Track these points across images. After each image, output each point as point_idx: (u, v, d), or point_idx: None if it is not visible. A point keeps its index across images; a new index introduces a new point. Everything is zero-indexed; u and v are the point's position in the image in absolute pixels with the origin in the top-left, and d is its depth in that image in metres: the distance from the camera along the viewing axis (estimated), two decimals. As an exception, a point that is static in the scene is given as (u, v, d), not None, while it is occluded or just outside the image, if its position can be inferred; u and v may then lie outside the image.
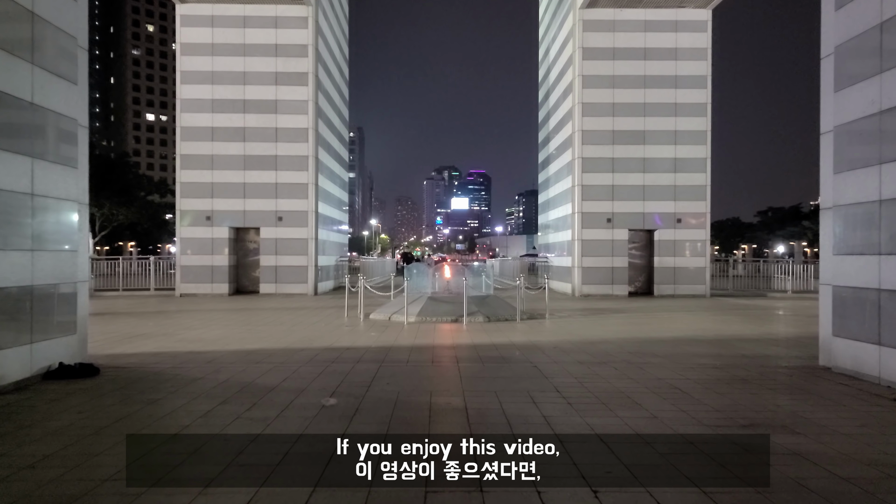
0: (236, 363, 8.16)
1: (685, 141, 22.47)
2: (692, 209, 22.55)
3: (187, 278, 21.92)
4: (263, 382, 6.85)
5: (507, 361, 8.40)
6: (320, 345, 9.97)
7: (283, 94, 22.14)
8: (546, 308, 14.85)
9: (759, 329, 12.77)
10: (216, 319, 14.20)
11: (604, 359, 8.68)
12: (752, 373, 7.68)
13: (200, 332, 11.63)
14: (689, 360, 8.68)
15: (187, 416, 5.39)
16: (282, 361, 8.29)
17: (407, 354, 8.93)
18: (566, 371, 7.62)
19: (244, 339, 10.68)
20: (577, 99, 22.45)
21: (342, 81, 28.15)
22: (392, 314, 14.27)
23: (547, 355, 8.94)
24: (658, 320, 14.30)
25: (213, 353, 9.07)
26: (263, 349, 9.47)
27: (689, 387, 6.73)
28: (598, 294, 22.17)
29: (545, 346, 9.98)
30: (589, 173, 22.38)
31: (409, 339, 10.73)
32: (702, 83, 22.51)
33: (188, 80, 22.06)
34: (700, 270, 22.55)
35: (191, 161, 22.02)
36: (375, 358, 8.60)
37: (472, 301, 14.37)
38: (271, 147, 22.10)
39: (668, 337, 11.29)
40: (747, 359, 8.84)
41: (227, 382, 6.86)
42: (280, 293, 21.99)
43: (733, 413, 5.64)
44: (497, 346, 9.92)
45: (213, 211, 22.02)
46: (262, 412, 5.42)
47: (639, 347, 9.84)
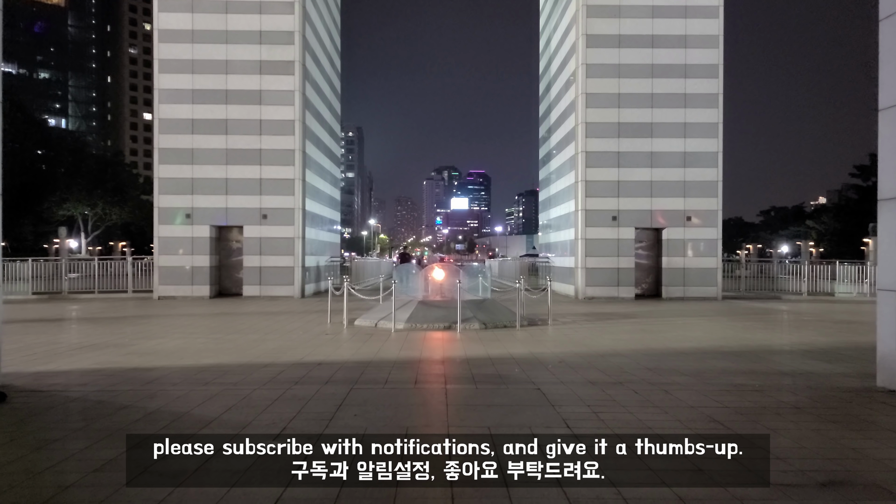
0: (181, 384, 6.81)
1: (695, 134, 21.12)
2: (703, 206, 21.20)
3: (166, 280, 20.57)
4: (200, 414, 5.50)
5: (504, 382, 7.06)
6: (289, 359, 8.62)
7: (268, 83, 20.78)
8: (548, 312, 13.50)
9: (788, 338, 11.42)
10: (184, 326, 12.86)
11: (619, 377, 7.34)
12: (802, 398, 6.33)
13: (159, 343, 10.28)
14: (719, 378, 7.34)
15: (75, 472, 4.05)
16: (235, 382, 6.94)
17: (387, 372, 7.59)
18: (576, 396, 6.28)
19: (204, 352, 9.33)
20: (580, 89, 21.10)
21: (333, 73, 26.79)
22: (379, 320, 12.93)
23: (551, 373, 7.60)
24: (672, 327, 12.95)
25: (160, 370, 7.72)
26: (221, 365, 8.12)
27: (732, 420, 5.39)
28: (603, 297, 20.82)
29: (549, 359, 8.63)
30: (593, 168, 21.03)
31: (393, 352, 9.39)
32: (713, 72, 21.16)
33: (167, 69, 20.70)
34: (711, 272, 21.19)
35: (170, 155, 20.67)
36: (348, 377, 7.25)
37: (467, 305, 13.04)
38: (255, 140, 20.75)
39: (689, 348, 9.94)
40: (789, 377, 7.50)
41: (156, 414, 5.51)
42: (265, 296, 20.63)
43: (802, 462, 4.30)
44: (493, 359, 8.58)
45: (194, 208, 20.66)
46: (179, 464, 4.07)
47: (657, 362, 8.50)
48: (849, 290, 22.92)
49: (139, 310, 16.83)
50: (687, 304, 18.86)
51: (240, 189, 20.73)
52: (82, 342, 10.30)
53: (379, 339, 11.01)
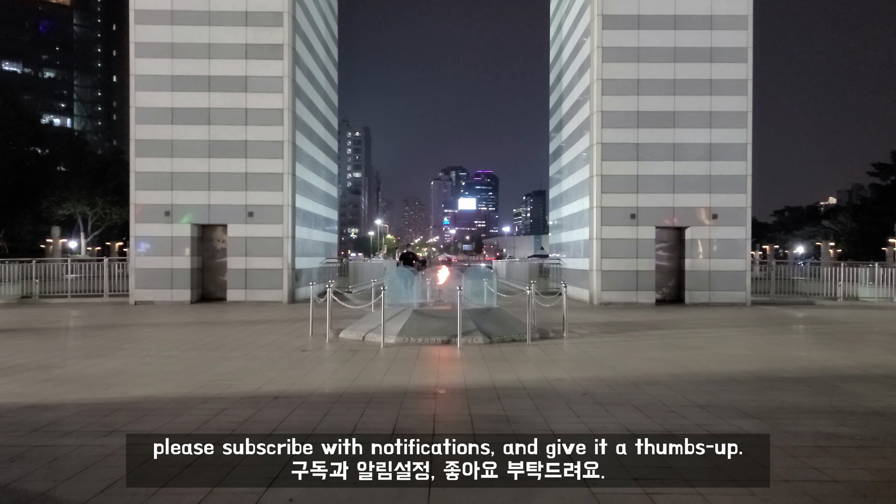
0: (73, 433, 5.05)
1: (722, 123, 19.23)
2: (730, 203, 19.29)
3: (143, 283, 18.86)
4: (28, 489, 3.73)
5: (514, 429, 5.25)
6: (242, 389, 6.85)
7: (255, 69, 19.04)
8: (563, 322, 11.67)
9: (852, 356, 9.53)
10: (141, 340, 11.12)
11: (667, 422, 5.52)
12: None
13: (95, 364, 8.52)
14: (800, 424, 5.51)
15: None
16: (147, 432, 5.17)
17: (359, 413, 5.80)
18: (617, 462, 4.45)
19: (142, 378, 7.57)
20: (595, 75, 19.24)
21: (328, 61, 25.04)
22: (367, 332, 11.16)
23: (575, 413, 5.79)
24: (708, 341, 11.09)
25: (61, 408, 5.97)
26: (149, 399, 6.36)
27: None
28: (621, 302, 18.96)
29: (568, 389, 6.82)
30: (609, 161, 19.18)
31: (375, 377, 7.60)
32: (742, 56, 19.25)
33: (144, 53, 18.99)
34: (739, 275, 19.29)
35: (147, 147, 18.96)
36: (304, 423, 5.46)
37: (470, 315, 11.24)
38: (241, 131, 19.01)
39: (738, 372, 8.10)
40: (889, 420, 5.66)
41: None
42: (251, 301, 18.89)
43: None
44: (499, 389, 6.77)
45: (173, 205, 18.93)
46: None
47: (708, 394, 6.67)
48: (871, 295, 20.92)
49: (105, 318, 15.13)
50: (715, 312, 16.98)
51: (224, 184, 18.99)
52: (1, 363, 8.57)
53: (364, 356, 9.23)
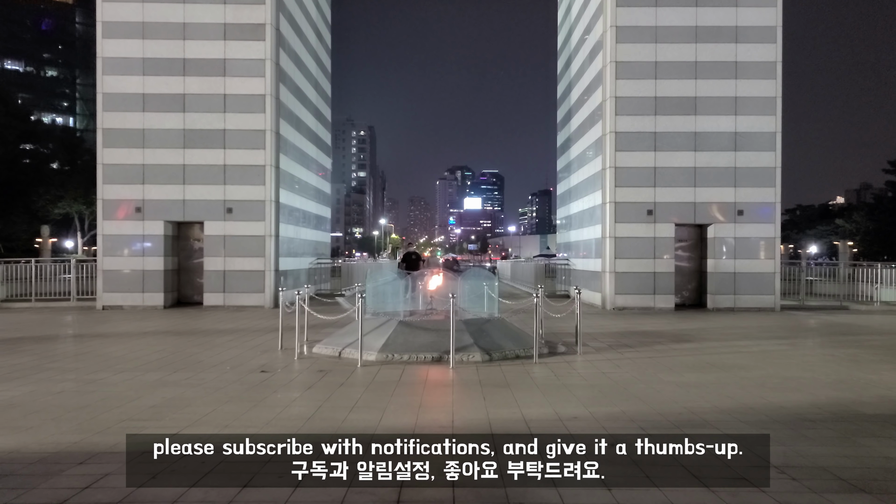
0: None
1: (749, 110, 17.40)
2: (757, 198, 17.47)
3: (112, 286, 17.18)
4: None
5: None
6: (146, 440, 5.11)
7: (234, 51, 17.32)
8: (577, 334, 9.90)
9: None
10: (77, 357, 9.42)
11: (751, 500, 3.77)
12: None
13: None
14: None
15: None
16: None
17: (285, 496, 4.04)
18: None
19: (31, 416, 5.86)
20: (608, 57, 17.45)
21: (320, 46, 23.31)
22: (345, 347, 9.42)
23: (615, 501, 4.04)
24: (751, 358, 9.30)
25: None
26: (7, 454, 4.64)
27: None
28: (636, 307, 17.17)
29: (589, 432, 5.06)
30: (624, 152, 17.40)
31: (337, 415, 5.86)
32: (770, 36, 17.43)
33: (112, 34, 17.31)
34: (767, 277, 17.46)
35: (116, 137, 17.27)
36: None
37: (467, 327, 9.49)
38: (219, 119, 17.30)
39: (804, 404, 6.32)
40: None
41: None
42: (230, 305, 17.18)
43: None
44: (498, 438, 4.99)
45: (145, 200, 17.25)
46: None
47: (782, 446, 4.89)
48: (893, 298, 19.05)
49: (55, 327, 13.46)
50: (742, 318, 15.17)
51: (200, 177, 17.29)
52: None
53: (334, 380, 7.51)
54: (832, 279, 21.16)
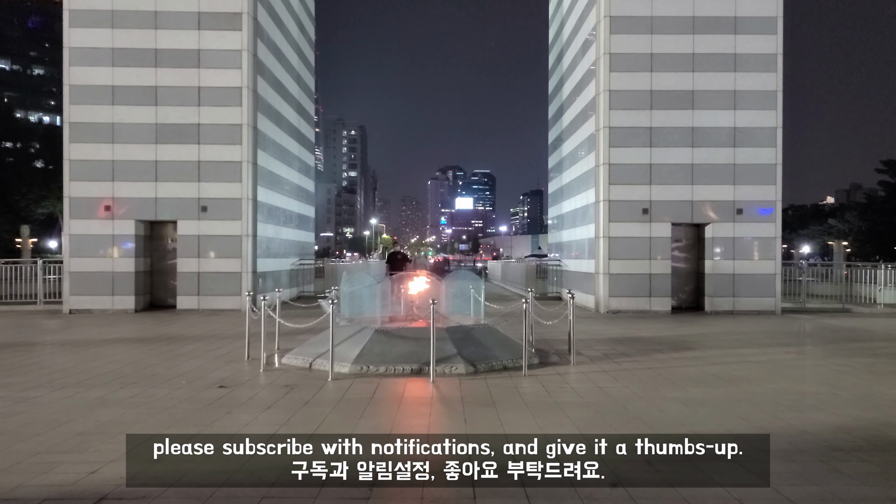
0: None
1: (748, 105, 16.70)
2: (757, 196, 16.78)
3: (79, 289, 16.26)
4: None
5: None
6: (52, 479, 4.29)
7: (209, 41, 16.44)
8: (570, 342, 9.10)
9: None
10: (16, 369, 8.52)
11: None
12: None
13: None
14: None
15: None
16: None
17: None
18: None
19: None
20: (602, 49, 16.69)
21: (302, 38, 22.43)
22: (316, 357, 8.60)
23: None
24: (757, 369, 8.54)
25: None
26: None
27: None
28: (631, 310, 16.42)
29: (587, 468, 4.28)
30: (618, 148, 16.64)
31: (291, 442, 5.03)
32: (771, 27, 16.73)
33: (80, 23, 16.40)
34: (767, 278, 16.76)
35: (84, 131, 16.36)
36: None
37: (450, 336, 8.69)
38: (193, 113, 16.41)
39: (827, 426, 5.56)
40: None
41: None
42: (204, 309, 16.30)
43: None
44: (479, 473, 4.22)
45: (115, 198, 16.34)
46: None
47: (816, 486, 4.11)
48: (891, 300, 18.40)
49: (10, 333, 12.53)
50: (743, 322, 14.45)
51: (173, 174, 16.39)
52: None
53: (299, 397, 6.69)
54: (827, 280, 20.56)
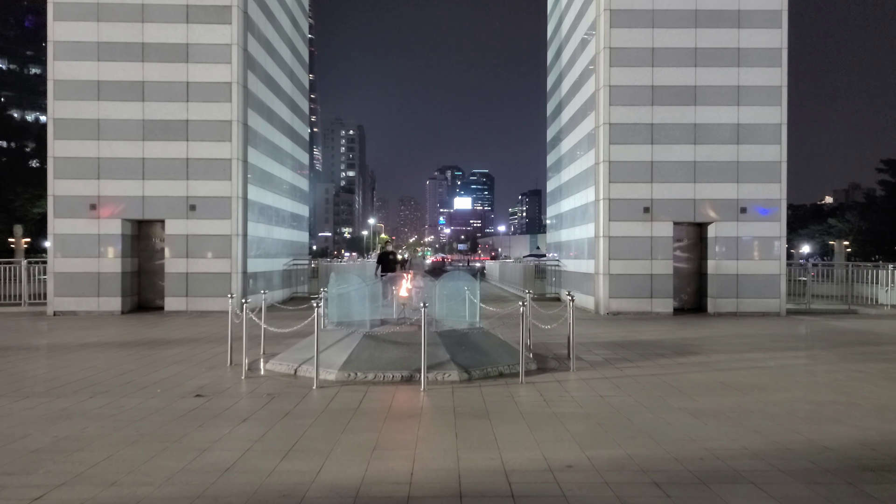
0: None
1: (752, 100, 16.25)
2: (761, 194, 16.33)
3: (64, 290, 15.78)
4: None
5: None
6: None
7: (197, 34, 15.96)
8: (569, 347, 8.66)
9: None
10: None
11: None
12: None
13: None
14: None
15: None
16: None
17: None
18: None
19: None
20: (602, 43, 16.24)
21: (295, 33, 21.95)
22: (302, 363, 8.14)
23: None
24: (768, 375, 8.09)
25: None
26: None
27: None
28: (632, 311, 15.98)
29: (588, 492, 3.83)
30: (619, 145, 16.19)
31: (265, 464, 4.58)
32: (775, 21, 16.29)
33: (64, 16, 15.91)
34: (772, 279, 16.32)
35: (68, 128, 15.88)
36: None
37: (443, 339, 8.24)
38: (181, 109, 15.94)
39: (851, 442, 5.10)
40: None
41: None
42: (193, 310, 15.83)
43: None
44: (467, 501, 3.77)
45: (100, 197, 15.86)
46: None
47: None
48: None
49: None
50: (748, 324, 14.01)
51: (161, 172, 15.92)
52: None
53: (280, 407, 6.24)
54: (828, 279, 20.15)
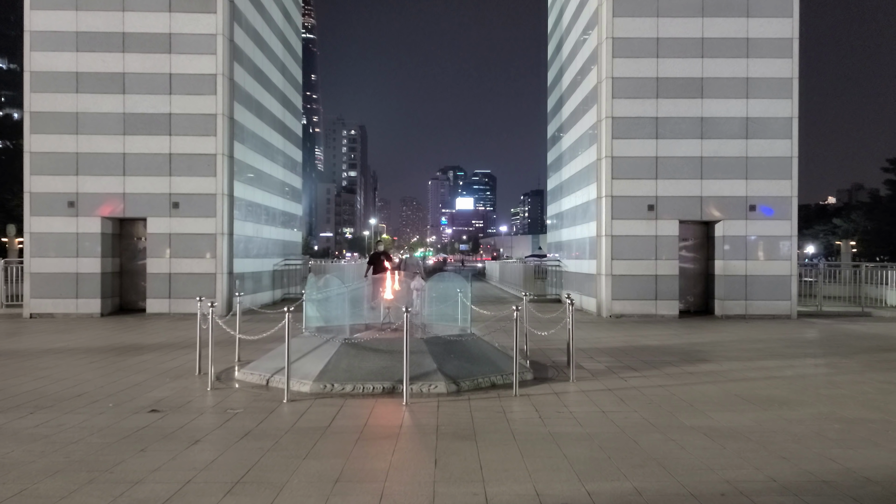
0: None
1: (761, 93, 15.51)
2: (771, 191, 15.58)
3: (41, 291, 15.09)
4: None
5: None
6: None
7: (181, 24, 15.25)
8: (569, 355, 7.92)
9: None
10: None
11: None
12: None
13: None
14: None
15: None
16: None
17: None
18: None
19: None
20: (604, 33, 15.51)
21: (287, 25, 21.23)
22: (274, 373, 7.41)
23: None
24: (787, 386, 7.34)
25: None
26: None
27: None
28: (636, 314, 15.24)
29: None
30: (622, 140, 15.46)
31: (206, 499, 3.85)
32: (786, 9, 15.55)
33: (41, 4, 15.20)
34: (783, 280, 15.56)
35: (45, 122, 15.18)
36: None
37: (430, 347, 7.51)
38: (163, 101, 15.23)
39: (893, 469, 4.38)
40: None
41: None
42: (175, 313, 15.12)
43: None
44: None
45: (79, 194, 15.16)
46: None
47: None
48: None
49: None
50: (758, 328, 13.27)
51: (142, 168, 15.21)
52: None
53: (238, 427, 5.51)
54: (836, 280, 19.45)
